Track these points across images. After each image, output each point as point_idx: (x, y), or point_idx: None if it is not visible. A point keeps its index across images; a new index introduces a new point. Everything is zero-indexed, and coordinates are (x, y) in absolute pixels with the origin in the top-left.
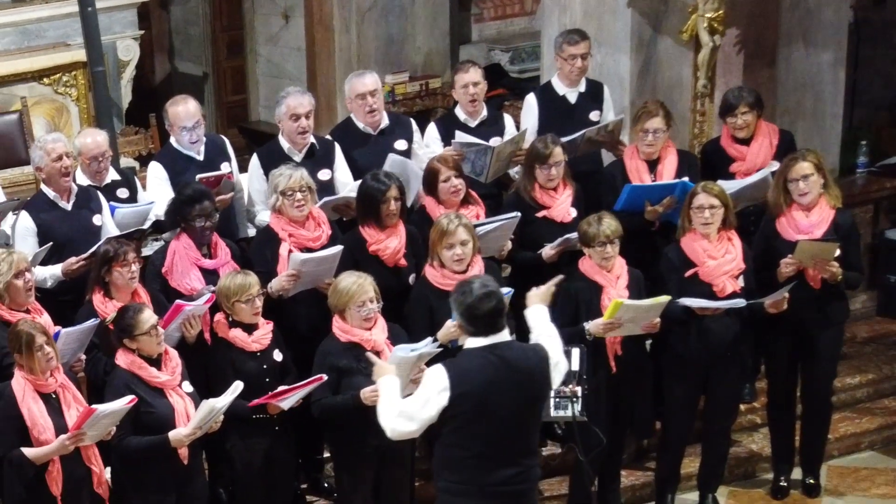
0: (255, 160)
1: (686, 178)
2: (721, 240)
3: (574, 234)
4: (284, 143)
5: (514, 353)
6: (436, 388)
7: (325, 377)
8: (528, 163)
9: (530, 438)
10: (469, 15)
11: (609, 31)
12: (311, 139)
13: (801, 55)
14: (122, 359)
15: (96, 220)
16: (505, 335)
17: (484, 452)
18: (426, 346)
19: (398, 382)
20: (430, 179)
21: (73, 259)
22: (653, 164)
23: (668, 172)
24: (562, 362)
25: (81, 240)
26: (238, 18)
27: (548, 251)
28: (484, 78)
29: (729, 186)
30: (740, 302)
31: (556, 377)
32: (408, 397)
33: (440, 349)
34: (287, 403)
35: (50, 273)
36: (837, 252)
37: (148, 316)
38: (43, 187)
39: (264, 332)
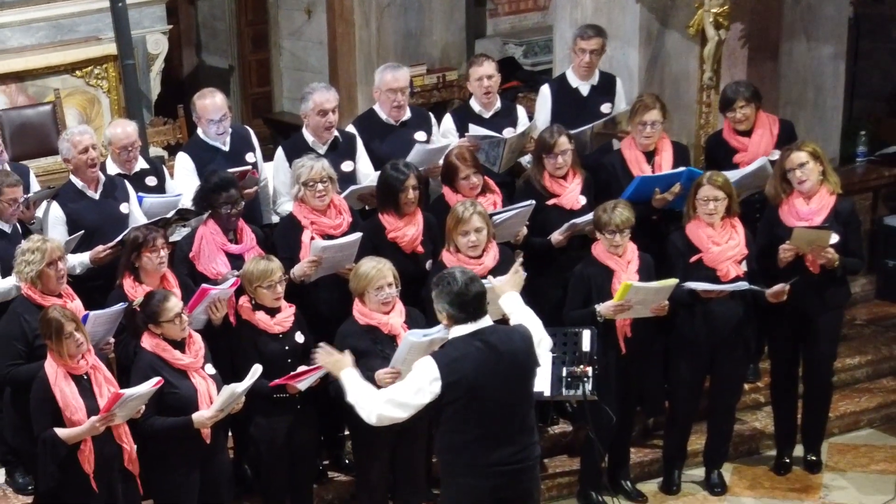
0: (279, 153)
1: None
2: (725, 227)
3: (580, 219)
4: (309, 136)
5: (499, 336)
6: (427, 379)
7: None
8: (536, 153)
9: (525, 417)
10: (484, 10)
11: (618, 25)
12: (335, 132)
13: (803, 49)
14: (148, 341)
15: (123, 208)
16: (488, 320)
17: (481, 434)
18: (438, 331)
19: (358, 373)
20: (450, 175)
21: (100, 247)
22: (650, 156)
23: (665, 162)
24: (544, 339)
25: (109, 228)
26: (262, 13)
27: (556, 236)
28: (498, 71)
29: (730, 176)
30: (743, 284)
31: (542, 353)
32: (395, 385)
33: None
34: (304, 385)
35: (79, 261)
36: (835, 239)
37: (174, 304)
38: (71, 177)
39: (287, 314)
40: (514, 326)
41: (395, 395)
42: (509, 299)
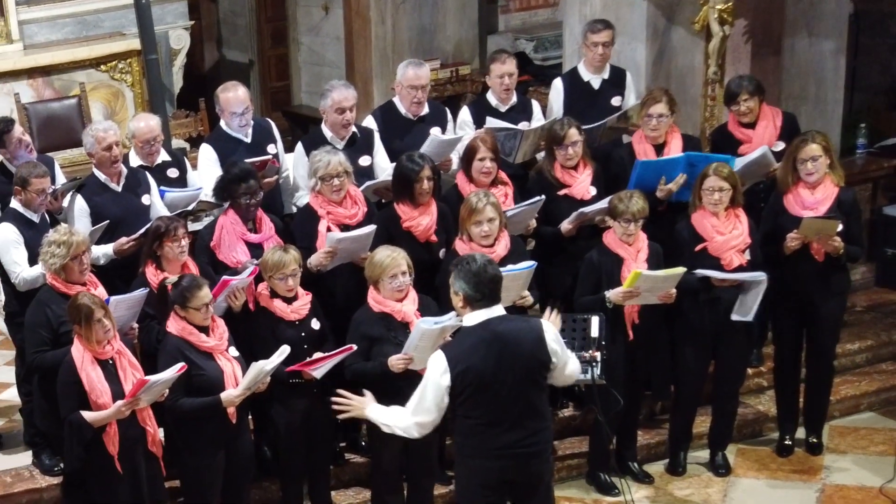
0: (299, 148)
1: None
2: (729, 217)
3: (589, 208)
4: (327, 131)
5: (507, 326)
6: (438, 372)
7: (355, 347)
8: (547, 144)
9: (534, 403)
10: (496, 6)
11: (626, 21)
12: (353, 128)
13: (805, 44)
14: (174, 326)
15: (145, 199)
16: (500, 309)
17: (490, 419)
18: (449, 318)
19: (382, 406)
20: (469, 155)
21: (123, 239)
22: (659, 148)
23: (674, 155)
24: (570, 360)
25: (132, 219)
26: (281, 10)
27: (565, 225)
28: (517, 68)
29: (733, 165)
30: (761, 275)
31: (559, 351)
32: (415, 393)
33: (462, 321)
34: (319, 373)
35: (103, 252)
36: (839, 228)
37: (205, 293)
38: (94, 170)
39: (303, 302)
40: (525, 318)
41: (420, 401)
42: None
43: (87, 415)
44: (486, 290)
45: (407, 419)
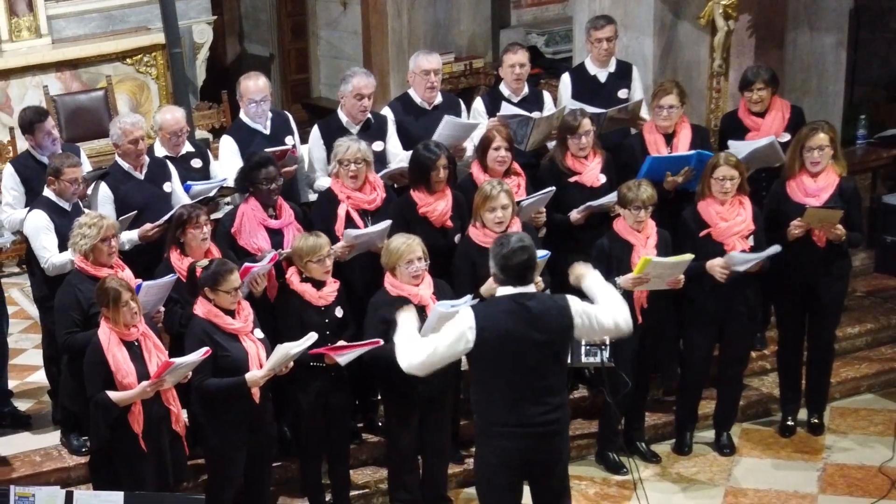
0: (315, 131)
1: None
2: (733, 204)
3: (596, 202)
4: (343, 116)
5: (536, 302)
6: (465, 325)
7: (381, 342)
8: (560, 134)
9: (554, 379)
10: (509, 2)
11: (634, 16)
12: (368, 114)
13: (807, 38)
14: (200, 308)
15: (166, 187)
16: (531, 288)
17: (510, 392)
18: (465, 302)
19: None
20: (484, 145)
21: (148, 225)
22: (669, 138)
23: (682, 145)
24: (590, 312)
25: (154, 206)
26: (301, 5)
27: (574, 215)
28: (529, 60)
29: (738, 151)
30: (776, 248)
31: (586, 323)
32: (436, 336)
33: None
34: (344, 360)
35: (128, 238)
36: (841, 216)
37: (235, 278)
38: (118, 160)
39: (331, 289)
40: (553, 295)
41: (438, 345)
42: (592, 280)
43: (112, 394)
44: (511, 274)
45: (418, 354)
